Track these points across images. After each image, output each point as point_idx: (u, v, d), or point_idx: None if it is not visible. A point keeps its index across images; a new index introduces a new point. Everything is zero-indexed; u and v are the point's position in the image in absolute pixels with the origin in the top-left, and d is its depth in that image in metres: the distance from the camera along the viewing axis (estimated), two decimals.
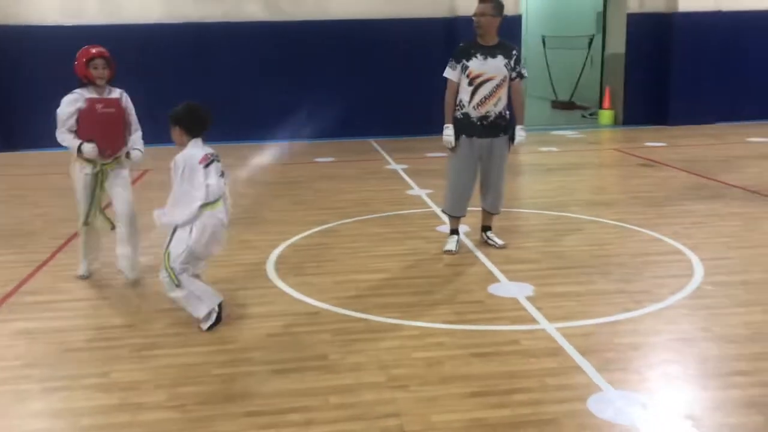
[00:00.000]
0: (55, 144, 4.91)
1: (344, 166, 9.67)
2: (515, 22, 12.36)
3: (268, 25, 11.92)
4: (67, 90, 4.86)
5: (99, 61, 4.75)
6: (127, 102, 4.99)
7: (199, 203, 3.95)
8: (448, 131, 5.54)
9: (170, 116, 4.06)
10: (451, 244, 5.68)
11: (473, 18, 5.49)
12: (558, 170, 8.97)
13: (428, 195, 7.60)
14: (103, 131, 4.83)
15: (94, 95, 4.81)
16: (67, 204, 7.60)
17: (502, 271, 5.05)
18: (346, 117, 12.22)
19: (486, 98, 5.45)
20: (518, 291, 4.65)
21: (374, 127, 12.28)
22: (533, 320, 4.18)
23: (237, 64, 11.90)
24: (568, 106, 15.74)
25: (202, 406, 3.29)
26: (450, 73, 5.54)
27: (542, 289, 4.67)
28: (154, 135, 5.82)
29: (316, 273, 5.16)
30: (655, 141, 10.90)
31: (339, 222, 6.57)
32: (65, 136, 4.81)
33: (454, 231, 5.79)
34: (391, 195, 7.72)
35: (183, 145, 4.06)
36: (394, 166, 9.48)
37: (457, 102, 5.56)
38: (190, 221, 3.98)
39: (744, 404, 3.18)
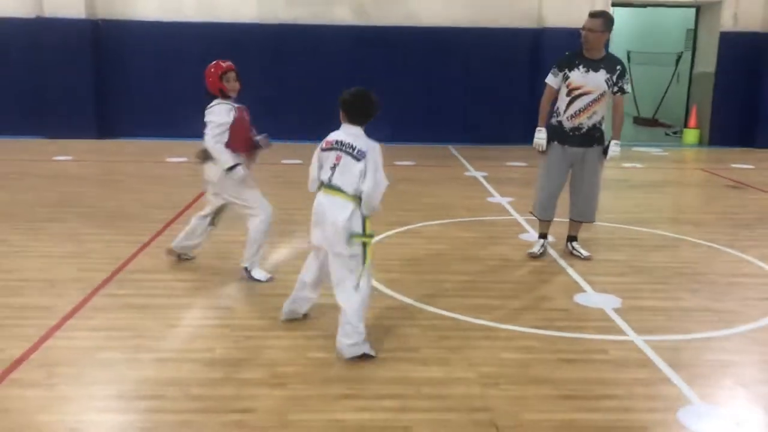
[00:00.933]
0: (149, 133, 5.16)
1: (424, 170, 9.81)
2: None
3: (356, 29, 12.19)
4: (163, 83, 5.08)
5: (231, 74, 4.96)
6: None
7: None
8: (540, 134, 5.69)
9: (341, 98, 4.00)
10: (535, 247, 5.81)
11: (581, 31, 5.57)
12: (642, 186, 8.89)
13: (510, 203, 7.67)
14: (246, 138, 5.05)
15: (237, 105, 5.03)
16: (161, 190, 8.10)
17: (588, 282, 5.09)
18: (427, 122, 12.40)
19: (580, 111, 5.53)
20: (605, 302, 4.68)
21: (454, 134, 12.39)
22: (621, 331, 4.22)
23: (323, 66, 12.19)
24: (651, 123, 15.50)
25: (301, 386, 3.48)
26: (551, 79, 5.66)
27: (630, 302, 4.69)
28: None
29: (402, 271, 5.30)
30: (742, 163, 10.66)
31: (421, 224, 6.70)
32: (222, 147, 4.88)
33: (542, 236, 5.89)
34: (472, 201, 7.81)
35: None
36: (473, 173, 9.56)
37: (555, 108, 5.68)
38: None
39: None
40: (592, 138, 5.59)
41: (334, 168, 3.87)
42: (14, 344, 3.88)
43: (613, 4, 12.31)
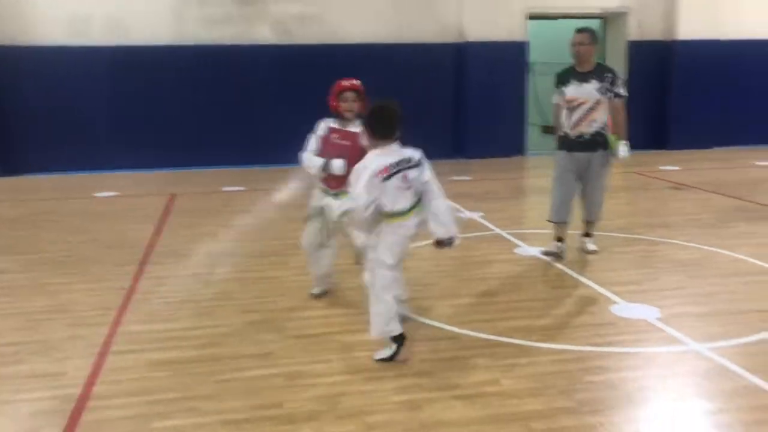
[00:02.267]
0: (61, 168, 4.76)
1: None
2: (522, 48, 12.62)
3: (278, 48, 11.81)
4: (73, 113, 4.65)
5: (349, 94, 4.81)
6: (364, 141, 4.85)
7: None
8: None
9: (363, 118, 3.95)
10: (550, 246, 6.10)
11: (573, 47, 5.93)
12: None
13: (482, 218, 7.59)
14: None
15: (336, 125, 4.87)
16: (110, 228, 7.42)
17: (614, 293, 5.04)
18: None
19: (580, 120, 5.91)
20: (645, 312, 4.64)
21: None
22: (679, 341, 4.18)
23: (246, 86, 11.72)
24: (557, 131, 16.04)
25: None
26: (555, 98, 6.16)
27: (667, 310, 4.67)
28: (164, 159, 5.64)
29: (422, 297, 5.05)
30: (666, 165, 11.18)
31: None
32: (309, 156, 4.85)
33: (559, 239, 6.11)
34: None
35: (371, 146, 3.90)
36: None
37: (561, 122, 6.11)
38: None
39: None
40: (596, 143, 5.92)
41: (410, 188, 3.80)
42: (44, 423, 3.32)
43: (530, 17, 12.66)
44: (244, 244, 6.71)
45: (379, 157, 3.82)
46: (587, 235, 6.27)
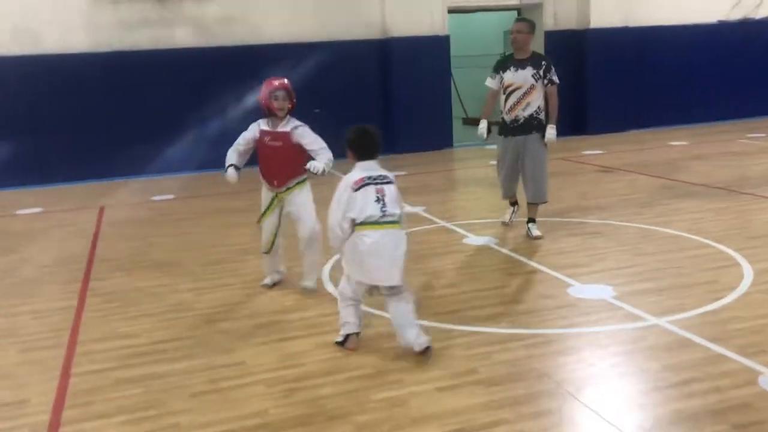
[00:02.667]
0: None
1: (316, 189, 9.49)
2: (444, 42, 12.78)
3: (199, 50, 11.52)
4: None
5: (280, 93, 4.89)
6: (300, 136, 4.97)
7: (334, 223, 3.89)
8: (482, 125, 6.49)
9: (345, 138, 4.04)
10: (506, 216, 6.80)
11: (511, 35, 6.37)
12: None
13: (425, 211, 7.66)
14: (267, 163, 5.07)
15: (267, 128, 4.96)
16: (42, 247, 7.07)
17: (568, 276, 5.19)
18: None
19: (515, 104, 6.34)
20: (601, 292, 4.80)
21: None
22: (640, 317, 4.34)
23: (167, 93, 11.39)
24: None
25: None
26: (489, 81, 6.54)
27: (621, 288, 4.85)
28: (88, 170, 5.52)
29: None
30: (590, 149, 11.56)
31: None
32: (230, 152, 5.15)
33: (512, 203, 6.78)
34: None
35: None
36: None
37: (499, 106, 6.45)
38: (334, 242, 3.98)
39: None
40: (531, 126, 6.32)
41: (381, 200, 3.83)
42: None
43: (450, 11, 12.84)
44: (188, 253, 6.53)
45: (357, 172, 3.96)
46: (531, 220, 6.44)
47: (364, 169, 3.95)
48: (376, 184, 3.89)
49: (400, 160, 11.46)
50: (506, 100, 6.34)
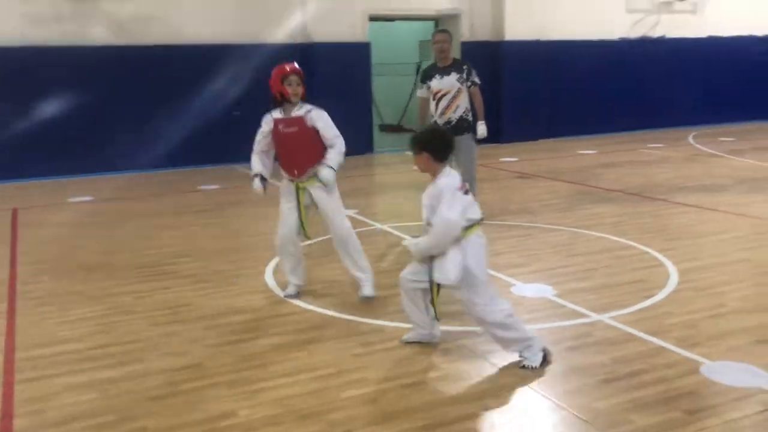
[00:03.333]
0: None
1: (238, 192, 9.38)
2: (365, 49, 12.90)
3: (115, 48, 11.14)
4: None
5: (293, 78, 4.70)
6: (315, 120, 4.77)
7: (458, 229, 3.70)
8: None
9: (415, 142, 3.84)
10: None
11: (433, 45, 6.83)
12: None
13: (358, 214, 7.71)
14: (285, 152, 4.84)
15: (280, 115, 4.74)
16: None
17: (509, 275, 5.38)
18: (206, 143, 11.81)
19: (446, 108, 6.81)
20: (542, 291, 5.01)
21: (237, 154, 11.96)
22: (583, 314, 4.56)
23: (81, 91, 10.95)
24: (396, 129, 16.55)
25: (374, 428, 3.21)
26: (419, 92, 7.09)
27: (561, 287, 5.07)
28: None
29: (338, 293, 5.10)
30: (506, 157, 11.96)
31: (310, 242, 6.42)
32: (254, 158, 4.94)
33: None
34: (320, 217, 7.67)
35: (429, 172, 3.82)
36: None
37: (431, 113, 6.81)
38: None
39: None
40: (462, 127, 6.80)
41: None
42: None
43: (371, 19, 12.97)
44: (117, 255, 6.32)
45: (450, 177, 3.81)
46: None
47: (450, 173, 3.81)
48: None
49: None
50: (437, 105, 6.78)
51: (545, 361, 3.78)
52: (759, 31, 16.53)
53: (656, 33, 15.41)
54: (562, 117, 14.40)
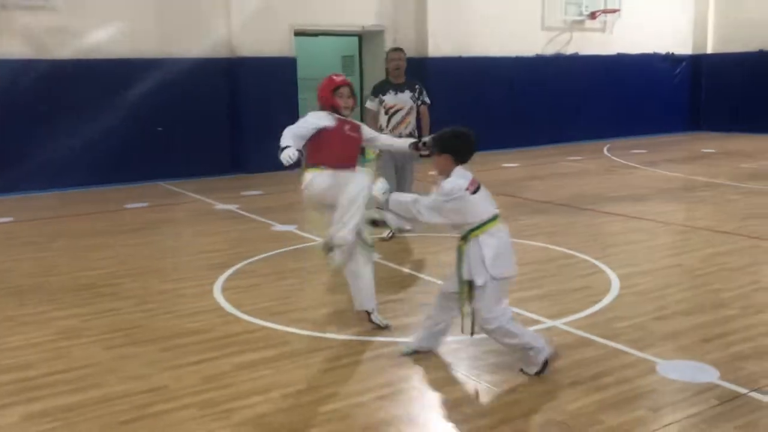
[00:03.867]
0: None
1: (169, 210, 9.16)
2: (291, 63, 12.87)
3: (31, 63, 10.69)
4: None
5: (345, 90, 4.60)
6: (365, 132, 4.86)
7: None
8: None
9: (438, 142, 3.82)
10: (386, 232, 7.01)
11: (390, 63, 7.09)
12: None
13: (297, 229, 7.67)
14: (343, 151, 4.64)
15: (343, 117, 4.64)
16: None
17: None
18: (129, 160, 11.47)
19: (398, 123, 7.00)
20: None
21: (162, 170, 11.68)
22: (538, 320, 4.69)
23: None
24: None
25: None
26: (369, 104, 7.20)
27: (512, 295, 5.14)
28: None
29: (294, 309, 5.05)
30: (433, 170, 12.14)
31: (243, 263, 6.33)
32: (288, 136, 4.36)
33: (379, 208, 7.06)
34: (259, 233, 7.61)
35: (444, 174, 3.81)
36: (223, 206, 9.24)
37: (378, 125, 6.89)
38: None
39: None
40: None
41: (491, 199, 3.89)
42: None
43: (296, 34, 12.95)
44: (51, 278, 6.04)
45: (462, 176, 3.82)
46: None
47: (463, 174, 3.82)
48: (479, 184, 3.87)
49: (252, 179, 11.38)
50: (389, 120, 7.03)
51: (545, 368, 3.82)
52: (661, 49, 17.54)
53: (569, 50, 16.10)
54: (484, 131, 14.56)
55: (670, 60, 17.74)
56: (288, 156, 4.25)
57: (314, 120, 4.58)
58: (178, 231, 7.87)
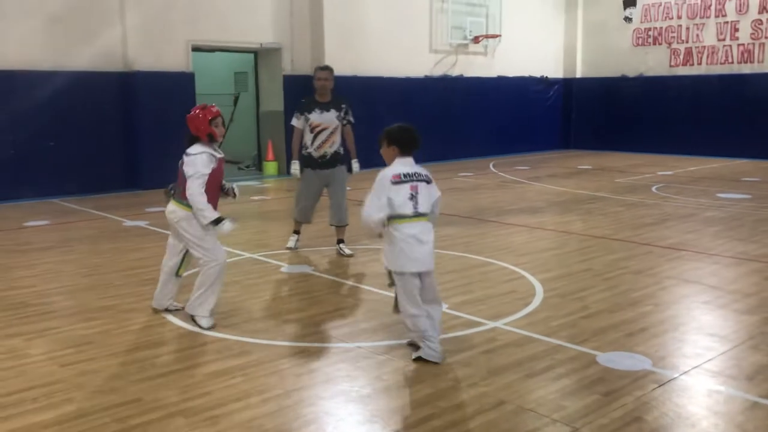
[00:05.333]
0: None
1: (75, 227, 8.83)
2: (189, 78, 12.72)
3: None
4: None
5: (219, 120, 4.85)
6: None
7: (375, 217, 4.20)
8: (295, 166, 7.24)
9: (386, 136, 4.34)
10: (290, 242, 7.36)
11: (316, 81, 7.08)
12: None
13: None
14: (216, 189, 5.00)
15: (216, 154, 4.87)
16: None
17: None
18: (18, 177, 10.92)
19: (323, 142, 7.06)
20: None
21: (51, 187, 11.18)
22: (480, 323, 5.05)
23: None
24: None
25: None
26: (296, 122, 7.23)
27: (449, 300, 5.52)
28: None
29: (254, 318, 5.14)
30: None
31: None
32: (204, 200, 4.82)
33: (296, 232, 7.30)
34: None
35: (389, 162, 4.31)
36: (132, 222, 9.03)
37: (303, 143, 7.04)
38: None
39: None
40: (336, 160, 7.15)
41: (414, 197, 4.23)
42: None
43: (194, 49, 12.83)
44: None
45: (395, 167, 4.33)
46: (341, 241, 7.21)
47: (403, 164, 4.29)
48: (411, 181, 4.26)
49: (151, 195, 11.12)
50: (314, 139, 7.06)
51: (423, 359, 4.26)
52: (537, 73, 18.78)
53: (455, 72, 16.91)
54: (376, 149, 15.17)
55: (545, 83, 19.04)
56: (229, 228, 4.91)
57: (205, 171, 4.85)
58: (95, 248, 7.62)
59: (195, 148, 4.86)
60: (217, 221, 4.83)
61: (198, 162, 4.81)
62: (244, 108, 15.48)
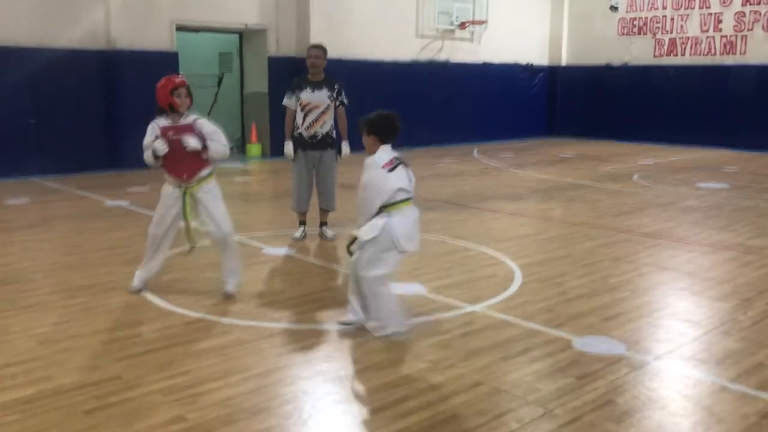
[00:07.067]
0: None
1: (56, 206, 8.78)
2: (172, 58, 12.62)
3: None
4: None
5: (182, 90, 4.84)
6: (202, 126, 4.93)
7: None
8: (288, 146, 7.02)
9: (365, 125, 4.31)
10: (297, 233, 7.14)
11: (308, 59, 6.89)
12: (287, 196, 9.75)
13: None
14: (174, 157, 4.95)
15: (167, 123, 4.86)
16: None
17: None
18: (5, 155, 10.82)
19: (313, 122, 6.90)
20: (416, 289, 5.48)
21: (31, 165, 11.09)
22: (458, 306, 5.11)
23: None
24: None
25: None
26: (287, 101, 7.02)
27: (429, 284, 5.59)
28: None
29: (235, 300, 5.16)
30: None
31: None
32: (146, 154, 4.99)
33: (301, 223, 7.16)
34: None
35: (371, 151, 4.32)
36: (114, 202, 9.00)
37: (294, 124, 6.90)
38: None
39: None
40: (326, 143, 6.99)
41: (411, 180, 4.41)
42: None
43: (178, 29, 12.73)
44: None
45: (382, 153, 4.37)
46: (324, 223, 7.20)
47: (385, 151, 4.34)
48: (399, 164, 4.36)
49: (134, 176, 11.05)
50: (305, 118, 6.89)
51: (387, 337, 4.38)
52: (522, 60, 18.82)
53: (441, 57, 16.90)
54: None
55: (530, 70, 19.08)
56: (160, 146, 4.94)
57: (148, 138, 5.01)
58: (76, 227, 7.59)
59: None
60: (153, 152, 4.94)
61: (146, 132, 5.01)
62: (228, 89, 15.37)
